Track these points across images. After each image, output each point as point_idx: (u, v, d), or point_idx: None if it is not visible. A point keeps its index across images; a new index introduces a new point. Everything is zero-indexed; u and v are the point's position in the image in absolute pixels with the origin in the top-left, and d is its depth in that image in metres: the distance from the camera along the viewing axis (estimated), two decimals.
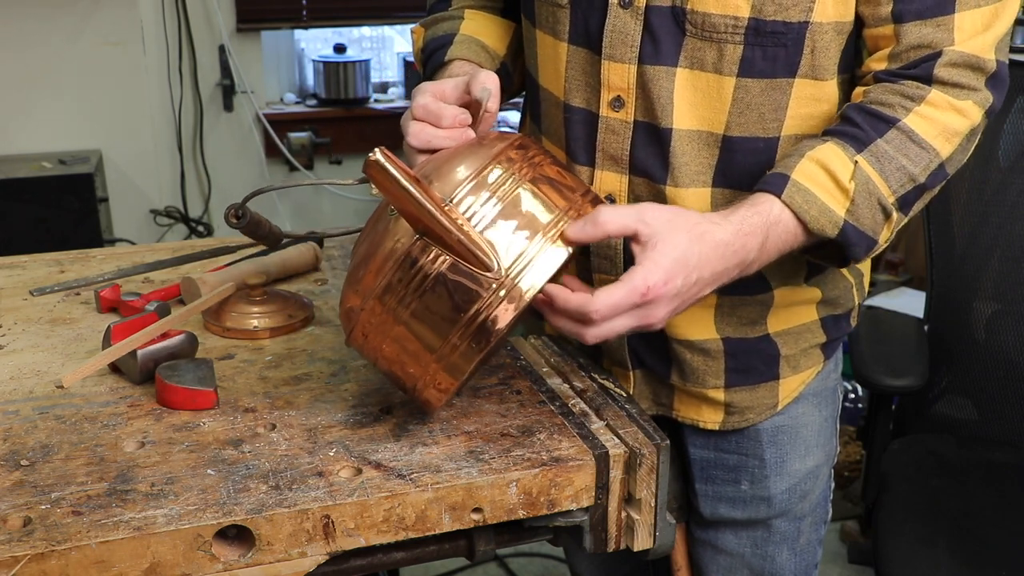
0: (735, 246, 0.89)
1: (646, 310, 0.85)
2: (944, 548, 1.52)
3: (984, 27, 0.94)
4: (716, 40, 0.95)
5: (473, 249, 0.81)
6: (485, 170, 0.86)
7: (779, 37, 0.95)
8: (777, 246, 0.93)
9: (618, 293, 0.83)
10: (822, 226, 0.93)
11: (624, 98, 1.01)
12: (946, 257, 1.83)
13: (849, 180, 0.92)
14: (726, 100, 0.98)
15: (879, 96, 0.96)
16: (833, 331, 1.15)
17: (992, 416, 1.81)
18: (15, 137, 2.96)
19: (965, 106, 0.95)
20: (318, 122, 3.42)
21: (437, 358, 0.85)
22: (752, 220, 0.91)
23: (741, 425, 1.14)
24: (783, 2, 0.93)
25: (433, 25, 1.16)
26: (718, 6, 0.94)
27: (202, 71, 3.27)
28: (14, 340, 1.15)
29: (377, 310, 0.85)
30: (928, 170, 0.95)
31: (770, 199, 0.92)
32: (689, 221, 0.88)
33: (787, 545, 1.22)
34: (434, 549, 0.92)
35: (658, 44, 0.97)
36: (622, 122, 1.02)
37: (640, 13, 0.97)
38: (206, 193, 3.38)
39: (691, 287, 0.87)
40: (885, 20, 0.95)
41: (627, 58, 0.99)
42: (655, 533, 0.95)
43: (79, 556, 0.77)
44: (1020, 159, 1.71)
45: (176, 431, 0.94)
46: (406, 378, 0.88)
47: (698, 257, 0.86)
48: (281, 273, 1.33)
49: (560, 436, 0.94)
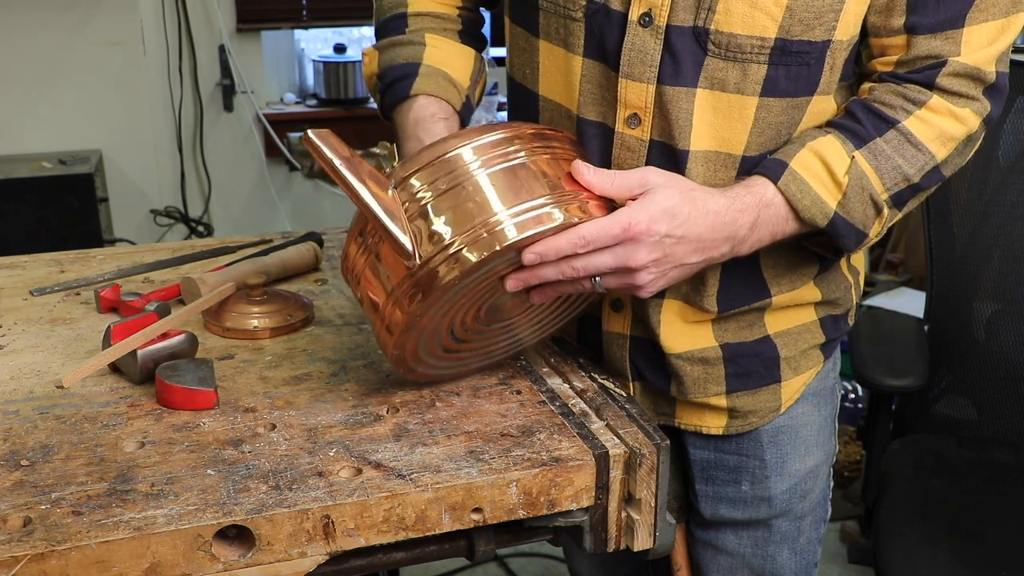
0: (725, 218, 0.93)
1: (627, 249, 0.88)
2: (944, 548, 1.52)
3: (990, 41, 0.96)
4: (740, 60, 0.95)
5: (393, 233, 0.85)
6: (451, 152, 0.88)
7: (803, 56, 0.95)
8: (768, 228, 0.96)
9: (603, 222, 0.88)
10: (813, 215, 0.96)
11: (641, 116, 0.99)
12: (946, 257, 1.83)
13: (844, 174, 0.96)
14: (747, 120, 0.98)
15: (883, 96, 0.99)
16: (832, 331, 1.15)
17: (992, 416, 1.81)
18: (15, 137, 2.96)
19: (963, 113, 0.98)
20: (318, 122, 3.42)
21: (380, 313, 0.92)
22: (745, 199, 0.94)
23: (744, 429, 1.14)
24: (809, 22, 0.93)
25: (390, 50, 1.11)
26: (745, 27, 0.93)
27: (202, 71, 3.27)
28: (14, 340, 1.15)
29: (344, 268, 0.96)
30: (923, 171, 0.98)
31: (765, 182, 0.96)
32: (685, 185, 0.92)
33: (787, 545, 1.22)
34: (434, 549, 0.92)
35: (678, 65, 0.96)
36: (638, 140, 1.00)
37: (660, 32, 0.95)
38: (206, 193, 3.38)
39: (675, 243, 0.90)
40: (897, 31, 0.97)
41: (646, 77, 0.97)
42: (655, 533, 0.95)
43: (79, 556, 0.77)
44: (1020, 159, 1.71)
45: (176, 431, 0.94)
46: (369, 317, 0.95)
47: (686, 215, 0.90)
48: (281, 273, 1.33)
49: (560, 436, 0.94)
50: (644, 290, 0.93)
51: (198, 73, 3.26)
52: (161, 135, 3.22)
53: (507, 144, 0.89)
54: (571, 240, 0.87)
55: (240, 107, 3.34)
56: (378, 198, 0.85)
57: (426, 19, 1.13)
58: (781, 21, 0.92)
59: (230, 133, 3.37)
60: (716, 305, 1.06)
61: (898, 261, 3.24)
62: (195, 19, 3.20)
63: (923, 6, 0.94)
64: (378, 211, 0.85)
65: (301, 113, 3.47)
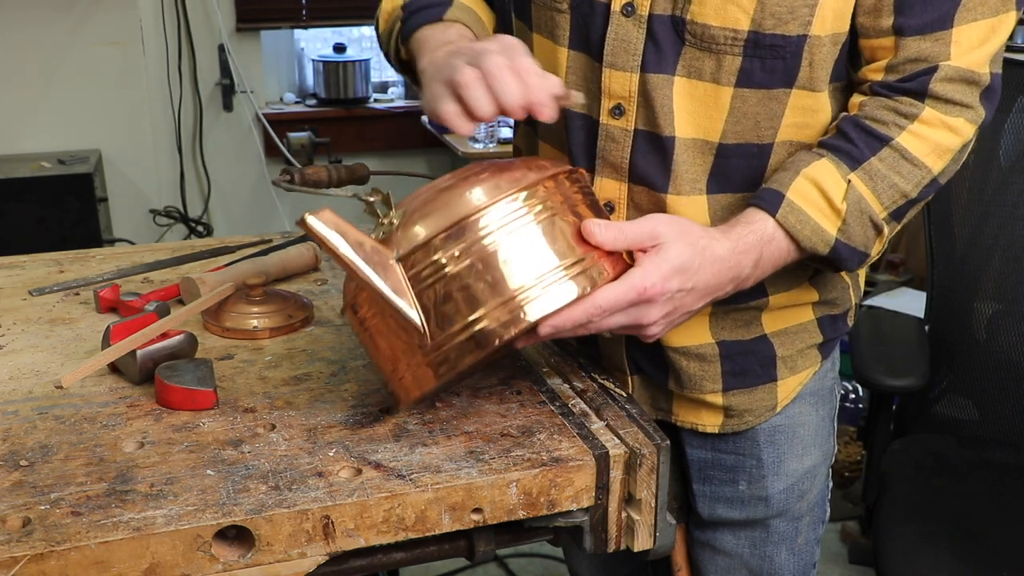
0: (730, 262, 0.93)
1: (640, 310, 0.88)
2: (944, 548, 1.52)
3: (981, 41, 0.95)
4: (715, 51, 0.95)
5: (405, 313, 0.84)
6: (456, 224, 0.84)
7: (778, 50, 0.95)
8: (771, 262, 0.97)
9: (618, 289, 0.86)
10: (814, 244, 0.96)
11: (625, 106, 1.00)
12: (947, 257, 1.83)
13: (842, 200, 0.95)
14: (723, 109, 0.98)
15: (874, 111, 0.97)
16: (830, 331, 1.15)
17: (992, 416, 1.81)
18: (14, 137, 2.96)
19: (957, 124, 0.97)
20: (318, 122, 3.42)
21: (393, 373, 0.90)
22: (747, 239, 0.94)
23: (740, 428, 1.14)
24: (782, 16, 0.93)
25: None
26: (718, 18, 0.94)
27: (202, 71, 3.27)
28: (13, 340, 1.15)
29: (349, 316, 0.93)
30: (920, 186, 0.98)
31: (764, 217, 0.96)
32: (692, 235, 0.91)
33: (785, 545, 1.22)
34: (434, 549, 0.92)
35: (661, 52, 0.97)
36: (622, 130, 1.01)
37: (643, 22, 0.96)
38: (205, 193, 3.38)
39: (686, 295, 0.90)
40: (885, 32, 0.96)
41: (629, 66, 0.98)
42: (655, 533, 0.95)
43: (78, 556, 0.77)
44: (1020, 159, 1.71)
45: (176, 431, 0.94)
46: (378, 366, 0.93)
47: (696, 268, 0.90)
48: (280, 273, 1.33)
49: (560, 436, 0.94)
50: (651, 338, 0.93)
51: (197, 73, 3.26)
52: (160, 135, 3.22)
53: (513, 202, 0.85)
54: (587, 311, 0.85)
55: (240, 107, 3.34)
56: (386, 279, 0.83)
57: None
58: (753, 14, 0.93)
59: (230, 133, 3.38)
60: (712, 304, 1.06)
61: (898, 261, 3.24)
62: (195, 19, 3.20)
63: (910, 6, 0.94)
64: (389, 295, 0.83)
65: (301, 113, 3.47)
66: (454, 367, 0.85)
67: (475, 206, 0.84)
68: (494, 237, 0.84)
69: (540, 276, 0.84)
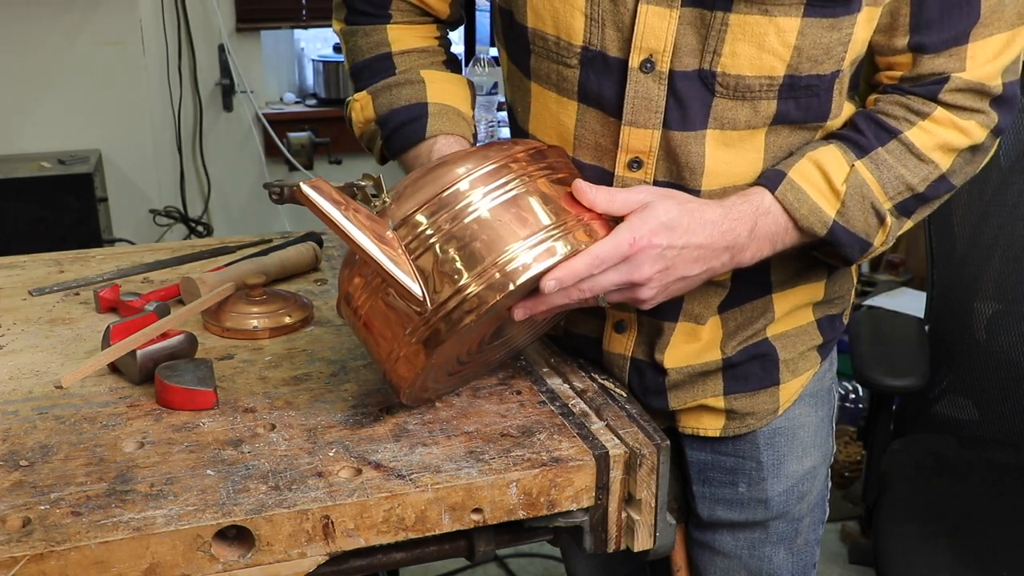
0: (723, 227, 0.93)
1: (631, 264, 0.88)
2: (944, 548, 1.52)
3: (995, 55, 0.96)
4: (749, 99, 0.94)
5: (402, 281, 0.84)
6: (449, 188, 0.86)
7: (813, 89, 0.95)
8: (768, 237, 0.96)
9: (610, 242, 0.87)
10: (811, 224, 0.96)
11: (644, 159, 0.98)
12: (947, 257, 1.83)
13: (842, 182, 0.96)
14: (759, 149, 0.98)
15: (886, 107, 0.99)
16: (829, 332, 1.15)
17: (992, 416, 1.81)
18: (14, 137, 2.96)
19: (968, 125, 0.97)
20: (318, 122, 3.42)
21: (389, 355, 0.90)
22: (741, 207, 0.94)
23: (742, 431, 1.14)
24: (819, 58, 0.92)
25: (386, 92, 1.07)
26: (752, 68, 0.92)
27: (201, 71, 3.26)
28: (13, 340, 1.15)
29: (343, 309, 0.93)
30: (927, 181, 0.98)
31: (761, 191, 0.96)
32: (682, 197, 0.92)
33: (784, 546, 1.22)
34: (434, 549, 0.92)
35: (685, 110, 0.95)
36: (641, 182, 0.99)
37: (664, 78, 0.94)
38: (205, 193, 3.37)
39: (676, 255, 0.90)
40: (901, 51, 0.96)
41: (651, 124, 0.96)
42: (655, 534, 0.95)
43: (78, 556, 0.77)
44: (1020, 159, 1.71)
45: (176, 431, 0.94)
46: (375, 355, 0.93)
47: (685, 226, 0.90)
48: (281, 273, 1.33)
49: (560, 436, 0.94)
50: (646, 303, 0.93)
51: (197, 73, 3.26)
52: (160, 135, 3.22)
53: (504, 171, 0.87)
54: (588, 263, 0.86)
55: (239, 107, 3.34)
56: (382, 247, 0.83)
57: (413, 56, 1.09)
58: (789, 60, 0.92)
59: (229, 133, 3.37)
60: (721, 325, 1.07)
61: (899, 261, 3.24)
62: (194, 19, 3.20)
63: (927, 26, 0.94)
64: (384, 262, 0.83)
65: (301, 113, 3.47)
66: (454, 333, 0.85)
67: (467, 171, 0.87)
68: (488, 199, 0.86)
69: (536, 237, 0.85)
